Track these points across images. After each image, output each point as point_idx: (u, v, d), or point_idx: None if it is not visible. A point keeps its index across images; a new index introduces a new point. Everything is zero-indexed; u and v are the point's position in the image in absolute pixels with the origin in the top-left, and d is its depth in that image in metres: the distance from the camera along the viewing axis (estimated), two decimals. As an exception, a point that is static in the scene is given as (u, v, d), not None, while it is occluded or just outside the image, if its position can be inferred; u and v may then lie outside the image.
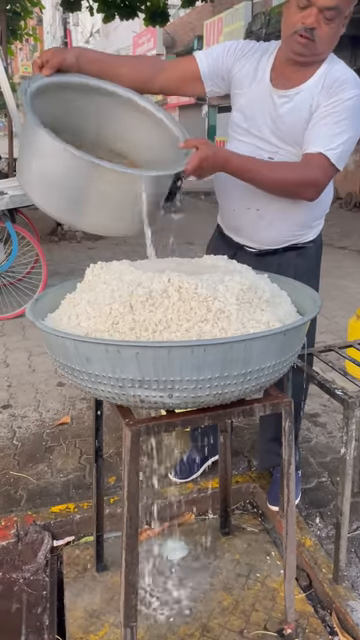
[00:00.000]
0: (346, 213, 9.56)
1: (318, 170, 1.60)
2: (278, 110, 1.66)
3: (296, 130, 1.65)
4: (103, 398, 1.25)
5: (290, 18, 1.57)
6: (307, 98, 1.63)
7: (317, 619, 1.69)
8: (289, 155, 1.69)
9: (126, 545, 1.31)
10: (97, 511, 1.79)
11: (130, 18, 7.89)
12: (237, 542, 1.99)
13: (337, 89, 1.60)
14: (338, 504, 1.67)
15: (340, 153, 1.60)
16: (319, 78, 1.63)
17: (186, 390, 1.13)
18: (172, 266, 1.42)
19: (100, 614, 1.70)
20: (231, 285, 1.22)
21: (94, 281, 1.37)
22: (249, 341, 1.12)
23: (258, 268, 1.46)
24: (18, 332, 4.02)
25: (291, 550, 1.52)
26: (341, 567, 1.73)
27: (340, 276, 5.37)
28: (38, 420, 2.78)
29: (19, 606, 1.76)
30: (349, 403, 1.57)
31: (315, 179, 1.61)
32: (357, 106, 1.60)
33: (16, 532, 1.97)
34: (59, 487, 2.25)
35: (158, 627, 1.64)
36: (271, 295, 1.30)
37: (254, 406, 1.33)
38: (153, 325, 1.15)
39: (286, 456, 1.44)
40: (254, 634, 1.62)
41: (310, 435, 2.62)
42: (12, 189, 4.33)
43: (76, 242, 7.25)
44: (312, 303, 1.36)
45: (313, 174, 1.60)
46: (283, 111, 1.66)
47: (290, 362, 1.29)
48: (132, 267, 1.37)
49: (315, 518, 2.07)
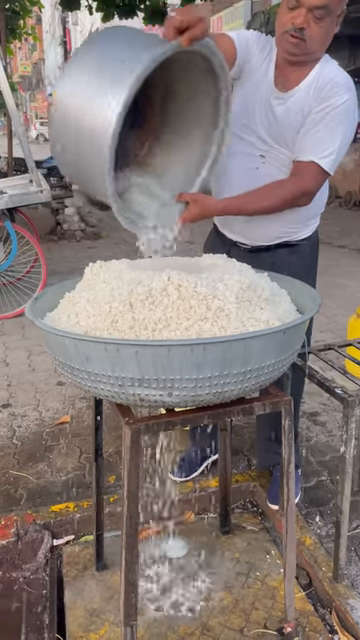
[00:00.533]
0: (345, 212, 9.55)
1: (308, 179, 1.63)
2: (274, 110, 1.67)
3: (288, 132, 1.66)
4: (103, 397, 1.25)
5: (281, 18, 1.59)
6: (299, 101, 1.64)
7: (317, 617, 1.69)
8: (280, 156, 1.70)
9: (126, 544, 1.31)
10: (97, 510, 1.79)
11: (129, 17, 7.87)
12: (237, 541, 2.00)
13: (329, 92, 1.60)
14: (338, 503, 1.67)
15: (332, 160, 1.62)
16: (312, 79, 1.64)
17: (186, 389, 1.13)
18: (171, 265, 1.41)
19: (100, 613, 1.70)
20: (231, 283, 1.22)
21: (93, 280, 1.37)
22: (249, 339, 1.12)
23: (252, 265, 1.46)
24: (18, 331, 4.02)
25: (291, 549, 1.52)
26: (341, 565, 1.73)
27: (339, 275, 5.37)
28: (38, 419, 2.78)
29: (19, 605, 1.76)
30: (349, 402, 1.57)
31: (306, 189, 1.64)
32: (349, 111, 1.61)
33: (16, 531, 1.98)
34: (59, 486, 2.25)
35: (158, 626, 1.64)
36: (271, 294, 1.30)
37: (254, 405, 1.33)
38: (153, 324, 1.15)
39: (286, 455, 1.44)
40: (254, 633, 1.62)
41: (310, 434, 2.62)
42: (11, 188, 4.33)
43: (76, 241, 7.25)
44: (311, 301, 1.36)
45: (302, 185, 1.63)
46: (277, 112, 1.67)
47: (290, 361, 1.29)
48: (132, 266, 1.38)
49: (315, 517, 2.07)
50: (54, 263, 5.48)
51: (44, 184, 4.44)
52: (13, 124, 4.99)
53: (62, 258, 6.17)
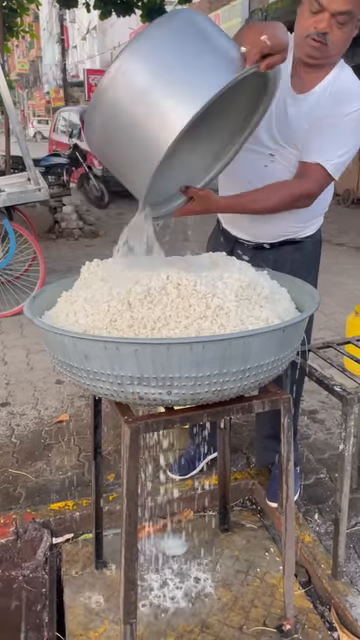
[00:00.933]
0: (344, 210, 9.54)
1: (312, 182, 1.63)
2: (287, 110, 1.68)
3: (297, 134, 1.67)
4: (102, 395, 1.25)
5: (303, 22, 1.58)
6: (313, 104, 1.65)
7: (316, 615, 1.69)
8: (289, 156, 1.71)
9: (125, 542, 1.31)
10: (96, 508, 1.79)
11: (127, 14, 7.86)
12: (236, 538, 2.00)
13: (342, 99, 1.62)
14: (337, 500, 1.67)
15: (338, 164, 1.63)
16: (328, 83, 1.65)
17: (185, 387, 1.13)
18: (170, 263, 1.41)
19: (100, 611, 1.70)
20: (230, 282, 1.22)
21: (90, 278, 1.37)
22: (248, 337, 1.12)
23: (255, 261, 1.46)
24: (16, 330, 4.01)
25: (290, 546, 1.53)
26: (340, 563, 1.74)
27: (338, 272, 5.37)
28: (36, 418, 2.78)
29: (19, 603, 1.77)
30: (348, 400, 1.58)
31: (308, 191, 1.64)
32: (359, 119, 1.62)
33: (15, 530, 1.98)
34: (58, 485, 2.25)
35: (157, 624, 1.64)
36: (270, 292, 1.30)
37: (253, 403, 1.33)
38: (152, 322, 1.15)
39: (285, 452, 1.44)
40: (253, 630, 1.63)
41: (308, 432, 2.62)
42: (9, 186, 4.32)
43: (74, 240, 7.23)
44: (311, 299, 1.36)
45: (305, 187, 1.63)
46: (290, 113, 1.68)
47: (289, 359, 1.29)
48: (129, 264, 1.37)
49: (314, 514, 2.07)
50: (52, 261, 5.47)
51: (42, 182, 4.43)
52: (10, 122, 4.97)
53: (60, 256, 6.16)
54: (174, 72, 1.17)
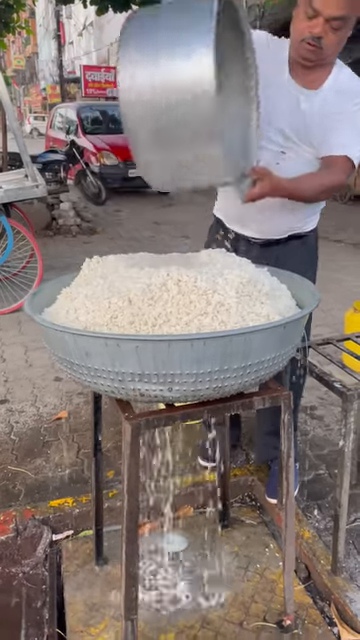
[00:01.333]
0: (341, 206, 9.54)
1: (342, 173, 1.68)
2: (300, 106, 1.70)
3: (311, 130, 1.70)
4: (102, 392, 1.25)
5: (298, 25, 1.61)
6: (322, 101, 1.69)
7: (316, 610, 1.70)
8: (301, 152, 1.73)
9: (126, 538, 1.31)
10: (96, 505, 1.79)
11: (124, 10, 7.83)
12: (236, 535, 2.00)
13: (352, 96, 1.68)
14: (336, 496, 1.68)
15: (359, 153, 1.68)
16: (332, 83, 1.70)
17: (186, 383, 1.13)
18: (169, 260, 1.41)
19: (100, 607, 1.71)
20: (230, 278, 1.22)
21: (90, 275, 1.37)
22: (249, 334, 1.12)
23: (262, 258, 1.46)
24: (14, 327, 4.01)
25: (290, 542, 1.53)
26: (339, 558, 1.74)
27: (336, 269, 5.37)
28: (35, 415, 2.78)
29: (19, 600, 1.77)
30: (347, 396, 1.58)
31: (341, 182, 1.69)
32: None
33: (15, 526, 1.98)
34: (57, 481, 2.25)
35: (158, 620, 1.65)
36: (271, 288, 1.30)
37: (253, 399, 1.33)
38: (152, 319, 1.15)
39: (285, 449, 1.44)
40: (253, 626, 1.63)
41: (307, 428, 2.63)
42: (7, 183, 4.31)
43: (71, 236, 7.22)
44: (311, 296, 1.36)
45: (338, 177, 1.68)
46: (304, 109, 1.70)
47: (289, 355, 1.29)
48: (129, 261, 1.37)
49: (313, 510, 2.08)
50: (50, 258, 5.46)
51: (39, 179, 4.41)
52: (7, 118, 4.94)
53: (58, 253, 6.14)
54: (168, 37, 1.19)
